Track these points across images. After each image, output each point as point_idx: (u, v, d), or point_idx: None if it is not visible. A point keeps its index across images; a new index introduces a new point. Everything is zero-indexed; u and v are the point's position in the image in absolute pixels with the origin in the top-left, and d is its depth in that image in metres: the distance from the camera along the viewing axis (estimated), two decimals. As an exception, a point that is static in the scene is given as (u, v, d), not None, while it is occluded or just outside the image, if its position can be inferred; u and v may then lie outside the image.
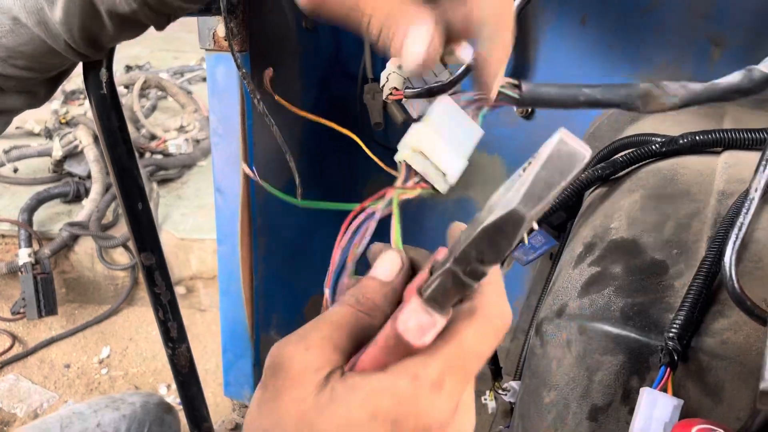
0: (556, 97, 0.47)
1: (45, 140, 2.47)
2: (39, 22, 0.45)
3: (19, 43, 0.46)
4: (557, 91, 0.47)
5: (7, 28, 0.45)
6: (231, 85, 0.80)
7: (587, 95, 0.48)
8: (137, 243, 0.71)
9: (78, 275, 2.13)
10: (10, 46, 0.46)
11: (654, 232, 0.61)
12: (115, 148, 0.65)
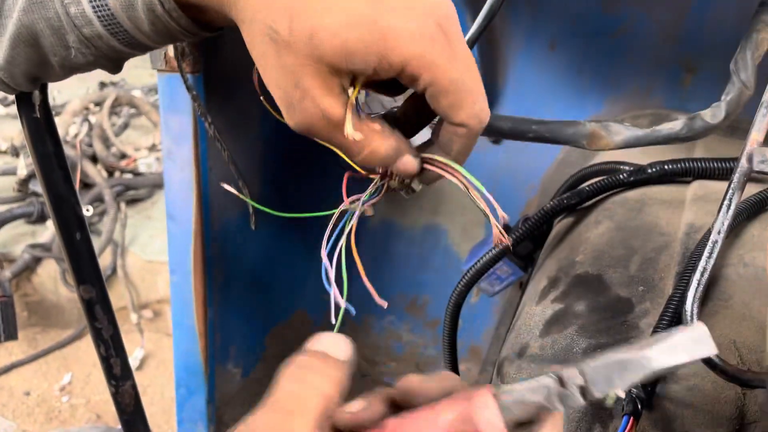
0: (508, 131, 0.48)
1: (10, 158, 2.41)
2: None
3: None
4: (510, 125, 0.48)
5: None
6: (184, 108, 0.76)
7: (536, 132, 0.49)
8: (76, 275, 0.66)
9: (40, 298, 2.06)
10: None
11: (620, 267, 0.58)
12: (50, 174, 0.61)
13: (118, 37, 0.41)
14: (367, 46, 0.35)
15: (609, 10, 0.81)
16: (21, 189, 2.19)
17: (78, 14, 0.40)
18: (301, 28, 0.35)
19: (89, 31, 0.41)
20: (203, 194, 0.81)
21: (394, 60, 0.36)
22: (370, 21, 0.35)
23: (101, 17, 0.40)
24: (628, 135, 0.56)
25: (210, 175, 0.82)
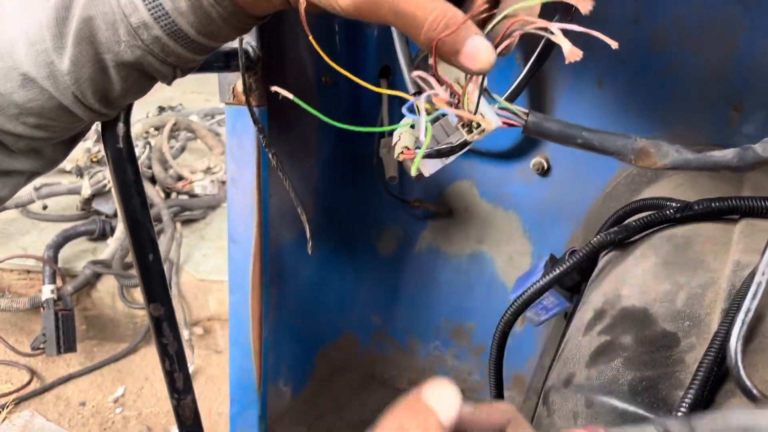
0: (556, 133, 0.48)
1: (75, 178, 2.53)
2: (48, 75, 0.46)
3: (29, 99, 0.46)
4: (559, 128, 0.48)
5: (18, 83, 0.46)
6: (248, 138, 0.81)
7: (585, 138, 0.49)
8: (147, 294, 0.71)
9: (98, 313, 2.15)
10: (20, 102, 0.47)
11: (666, 301, 0.59)
12: (129, 200, 0.66)
13: (160, 22, 0.43)
14: None
15: (656, 49, 0.83)
16: (84, 207, 2.30)
17: (126, 2, 0.43)
18: None
19: (136, 19, 0.43)
20: (263, 219, 0.86)
21: None
22: None
23: (145, 0, 0.43)
24: (676, 157, 0.56)
25: (270, 201, 0.87)
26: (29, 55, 0.45)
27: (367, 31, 0.97)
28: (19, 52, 0.45)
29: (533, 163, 0.97)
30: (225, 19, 0.44)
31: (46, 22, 0.44)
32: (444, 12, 0.36)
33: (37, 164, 0.54)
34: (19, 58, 0.45)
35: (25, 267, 2.10)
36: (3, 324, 2.13)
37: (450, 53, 0.36)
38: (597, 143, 0.47)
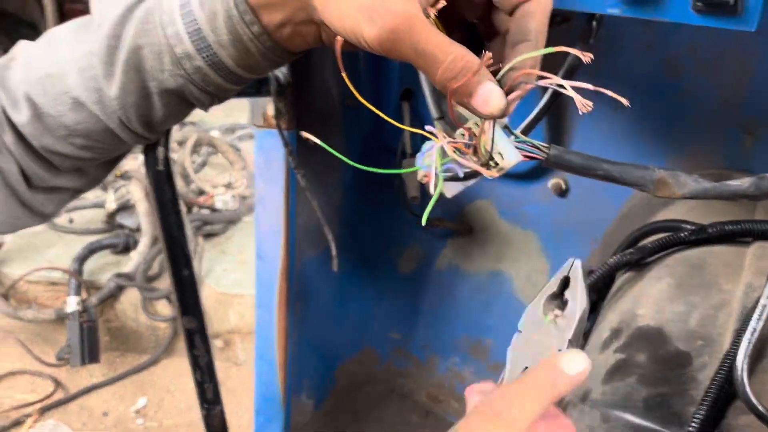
0: (578, 166, 0.50)
1: (100, 192, 2.59)
2: (97, 100, 0.49)
3: (77, 122, 0.50)
4: (580, 161, 0.50)
5: (68, 106, 0.49)
6: (277, 160, 0.85)
7: (606, 170, 0.51)
8: (181, 307, 0.75)
9: (121, 324, 2.19)
10: (69, 124, 0.50)
11: (680, 321, 0.62)
12: (167, 218, 0.70)
13: (202, 54, 0.46)
14: None
15: (671, 75, 0.86)
16: (108, 221, 2.36)
17: (173, 34, 0.46)
18: None
19: (180, 50, 0.46)
20: (290, 237, 0.89)
21: None
22: None
23: (190, 33, 0.46)
24: (695, 187, 0.57)
25: (297, 219, 0.90)
26: (80, 81, 0.49)
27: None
28: (70, 78, 0.49)
29: (551, 183, 0.99)
30: (263, 53, 0.47)
31: (97, 51, 0.48)
32: (461, 56, 0.38)
33: (81, 182, 0.58)
34: (70, 84, 0.49)
35: (51, 279, 2.16)
36: (29, 335, 2.18)
37: (463, 95, 0.39)
38: (617, 175, 0.49)
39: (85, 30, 0.50)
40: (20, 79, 0.51)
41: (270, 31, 0.45)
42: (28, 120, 0.50)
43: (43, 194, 0.56)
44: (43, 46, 0.51)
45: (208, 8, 0.45)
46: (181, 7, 0.45)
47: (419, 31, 0.38)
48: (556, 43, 0.77)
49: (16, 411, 1.96)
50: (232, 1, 0.44)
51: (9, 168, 0.53)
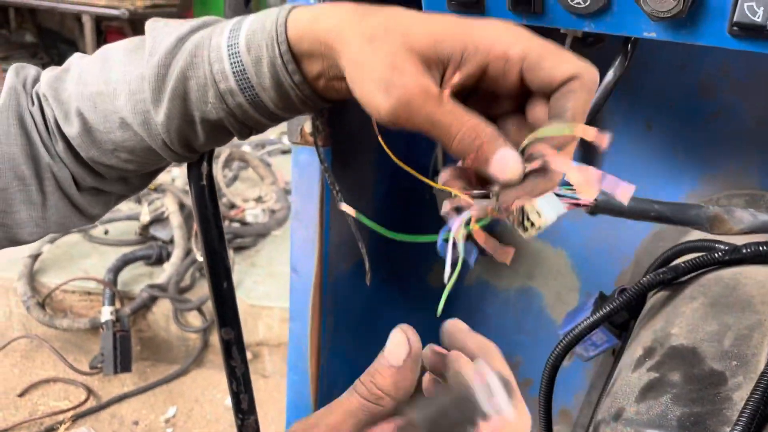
0: (628, 210, 0.50)
1: (134, 204, 2.65)
2: (143, 122, 0.52)
3: (124, 139, 0.53)
4: (631, 204, 0.50)
5: (116, 125, 0.53)
6: (313, 175, 0.87)
7: (658, 211, 0.51)
8: (219, 318, 0.77)
9: (153, 334, 2.24)
10: (116, 141, 0.54)
11: (714, 341, 0.62)
12: (208, 232, 0.72)
13: (245, 93, 0.49)
14: (454, 33, 0.40)
15: (705, 95, 0.86)
16: (142, 233, 2.41)
17: (219, 71, 0.48)
18: (395, 29, 0.41)
19: (224, 86, 0.49)
20: (324, 251, 0.91)
21: (480, 43, 0.40)
22: (455, 19, 0.42)
23: (235, 72, 0.48)
24: (752, 221, 0.57)
25: (330, 233, 0.92)
26: (129, 103, 0.52)
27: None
28: (120, 99, 0.52)
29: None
30: (302, 100, 0.49)
31: (148, 77, 0.51)
32: (475, 125, 0.39)
33: (124, 189, 0.62)
34: (120, 104, 0.52)
35: (86, 289, 2.21)
36: (63, 343, 2.23)
37: (480, 161, 0.40)
38: (670, 215, 0.49)
39: (137, 54, 0.52)
40: (73, 93, 0.53)
41: (309, 80, 0.47)
42: (77, 133, 0.54)
43: (90, 197, 0.59)
44: (98, 63, 0.54)
45: (254, 53, 0.47)
46: (229, 47, 0.48)
47: (433, 103, 0.39)
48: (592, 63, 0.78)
49: (50, 418, 2.01)
50: (277, 50, 0.46)
51: (62, 174, 0.56)
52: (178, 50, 0.50)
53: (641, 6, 0.52)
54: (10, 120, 0.53)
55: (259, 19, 0.48)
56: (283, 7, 0.48)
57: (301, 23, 0.46)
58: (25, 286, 2.15)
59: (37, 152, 0.55)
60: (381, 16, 0.42)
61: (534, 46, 0.39)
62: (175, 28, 0.51)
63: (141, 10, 4.05)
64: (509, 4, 0.58)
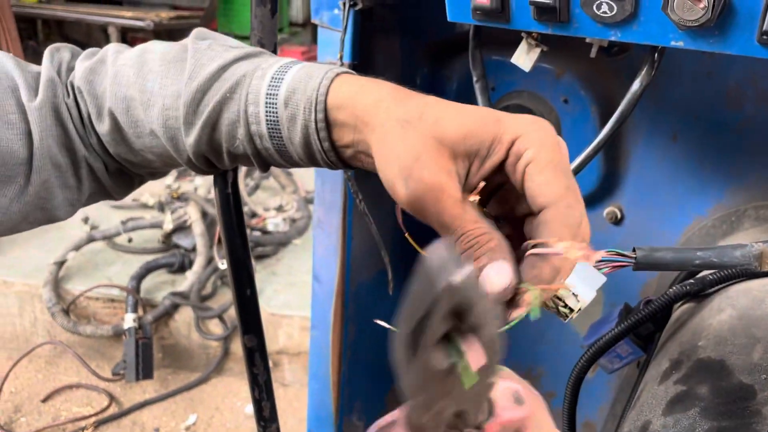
0: (671, 261, 0.48)
1: (157, 213, 2.68)
2: (171, 138, 0.53)
3: (151, 146, 0.55)
4: (672, 255, 0.48)
5: (146, 132, 0.54)
6: (336, 185, 0.88)
7: (701, 258, 0.49)
8: (243, 325, 0.77)
9: (175, 342, 2.25)
10: (144, 145, 0.55)
11: (742, 354, 0.61)
12: (233, 240, 0.73)
13: (273, 140, 0.50)
14: (483, 126, 0.42)
15: (731, 107, 0.85)
16: (165, 241, 2.43)
17: (253, 113, 0.49)
18: (429, 116, 0.42)
19: (255, 129, 0.50)
20: (346, 260, 0.92)
21: (505, 134, 0.41)
22: (487, 111, 0.43)
23: (269, 120, 0.49)
24: None
25: (352, 242, 0.93)
26: (161, 117, 0.53)
27: (447, 84, 1.03)
28: (153, 110, 0.53)
29: (606, 212, 0.99)
30: (326, 162, 0.50)
31: (184, 100, 0.52)
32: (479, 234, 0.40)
33: (148, 175, 0.64)
34: (152, 115, 0.53)
35: (109, 296, 2.24)
36: (86, 349, 2.26)
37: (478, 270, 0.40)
38: (716, 260, 0.48)
39: (175, 68, 0.53)
40: (107, 91, 0.55)
41: (336, 147, 0.48)
42: (107, 131, 0.55)
43: (116, 178, 0.61)
44: (135, 66, 0.54)
45: (290, 110, 0.48)
46: (267, 95, 0.49)
47: (443, 203, 0.40)
48: (617, 72, 0.78)
49: (72, 424, 2.03)
50: (314, 116, 0.47)
51: (96, 164, 0.58)
52: (217, 80, 0.51)
53: (668, 15, 0.51)
54: (48, 113, 0.55)
55: (302, 77, 0.48)
56: (329, 69, 0.48)
57: (342, 93, 0.47)
58: (50, 293, 2.18)
59: (73, 143, 0.57)
60: (417, 102, 0.43)
61: (543, 155, 0.40)
62: (218, 54, 0.52)
63: (166, 21, 4.12)
64: (534, 14, 0.58)
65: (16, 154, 0.53)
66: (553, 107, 0.96)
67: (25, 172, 0.54)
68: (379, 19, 0.88)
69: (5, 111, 0.53)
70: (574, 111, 0.94)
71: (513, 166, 0.42)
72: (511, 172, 0.42)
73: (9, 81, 0.54)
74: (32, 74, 0.57)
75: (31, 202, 0.55)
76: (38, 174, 0.54)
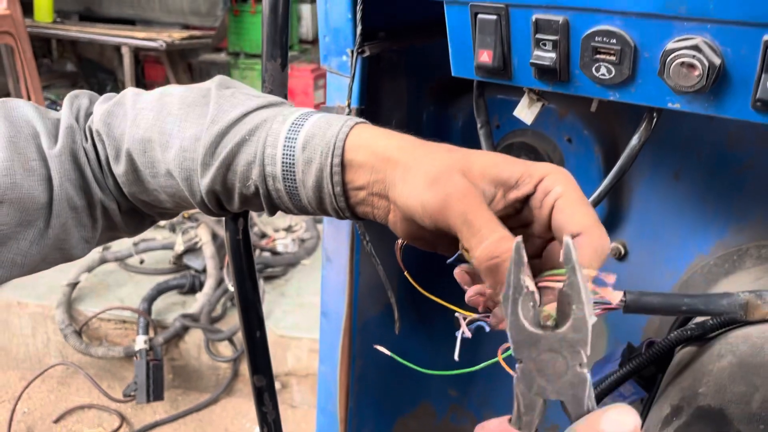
0: (658, 306, 0.50)
1: (168, 233, 2.72)
2: (186, 179, 0.55)
3: (166, 186, 0.57)
4: (660, 300, 0.50)
5: (161, 172, 0.56)
6: (344, 224, 0.89)
7: (688, 304, 0.51)
8: (252, 365, 0.79)
9: (185, 363, 2.27)
10: (159, 185, 0.58)
11: (741, 403, 0.62)
12: (243, 283, 0.75)
13: (286, 182, 0.52)
14: (513, 162, 0.45)
15: (734, 148, 0.87)
16: (176, 262, 2.46)
17: (270, 155, 0.52)
18: (457, 151, 0.46)
19: (270, 170, 0.52)
20: (354, 296, 0.93)
21: (535, 172, 0.45)
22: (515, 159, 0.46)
23: (284, 163, 0.51)
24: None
25: (359, 279, 0.94)
26: (177, 158, 0.55)
27: (453, 122, 1.05)
28: (170, 152, 0.55)
29: (611, 247, 1.00)
30: (333, 208, 0.52)
31: (204, 143, 0.54)
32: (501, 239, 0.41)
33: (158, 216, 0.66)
34: (169, 157, 0.56)
35: (121, 317, 2.26)
36: (98, 370, 2.28)
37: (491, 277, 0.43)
38: (702, 306, 0.50)
39: (194, 111, 0.55)
40: (125, 134, 0.57)
41: (348, 189, 0.50)
42: (123, 172, 0.58)
43: (129, 218, 0.64)
44: (154, 110, 0.57)
45: (307, 154, 0.50)
46: (287, 138, 0.51)
47: (471, 202, 0.42)
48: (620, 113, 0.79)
49: (84, 444, 2.05)
50: (330, 159, 0.49)
51: (111, 206, 0.61)
52: (238, 124, 0.53)
53: (665, 80, 0.53)
54: (66, 159, 0.57)
55: (322, 125, 0.51)
56: (349, 119, 0.51)
57: (361, 138, 0.49)
58: (63, 314, 2.21)
59: (90, 186, 0.59)
60: (441, 145, 0.47)
61: (571, 192, 0.44)
62: (241, 101, 0.54)
63: (178, 42, 4.17)
64: (535, 73, 0.60)
65: (36, 199, 0.55)
66: (557, 146, 0.98)
67: (44, 216, 0.56)
68: (386, 62, 0.90)
69: (27, 158, 0.55)
70: (578, 150, 0.96)
71: (540, 201, 0.44)
72: (536, 206, 0.45)
73: (30, 128, 0.57)
74: (52, 121, 0.59)
75: (50, 244, 0.57)
76: (57, 218, 0.56)
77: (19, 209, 0.54)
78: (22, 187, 0.54)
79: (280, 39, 0.71)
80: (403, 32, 0.87)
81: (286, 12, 0.72)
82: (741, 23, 0.49)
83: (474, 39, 0.61)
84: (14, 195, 0.53)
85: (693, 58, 0.50)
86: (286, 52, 0.72)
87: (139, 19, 4.68)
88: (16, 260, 0.55)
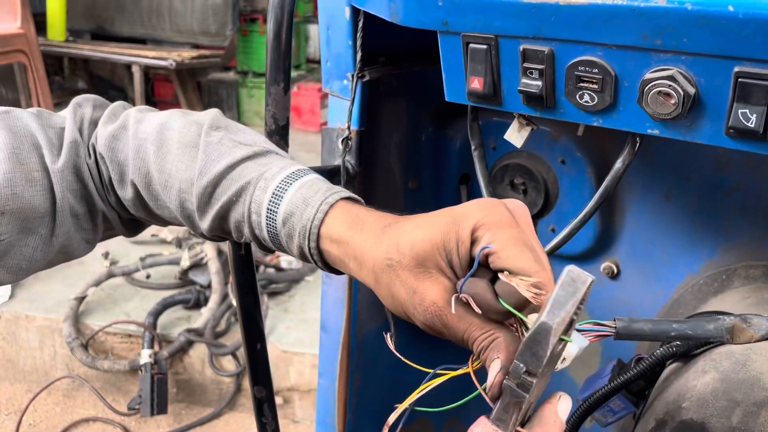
0: (648, 332, 0.53)
1: (175, 248, 2.75)
2: (187, 217, 0.60)
3: (171, 218, 0.62)
4: (650, 327, 0.53)
5: (164, 205, 0.61)
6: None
7: (677, 330, 0.54)
8: (252, 377, 0.82)
9: (189, 377, 2.30)
10: (163, 215, 0.62)
11: (723, 417, 0.64)
12: (245, 297, 0.78)
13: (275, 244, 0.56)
14: (446, 233, 0.48)
15: (722, 171, 0.90)
16: (182, 277, 2.49)
17: (256, 222, 0.56)
18: (404, 244, 0.49)
19: (258, 233, 0.56)
20: (352, 312, 0.96)
21: (464, 234, 0.48)
22: (445, 217, 0.49)
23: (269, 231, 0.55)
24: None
25: (359, 294, 0.97)
26: (177, 199, 0.60)
27: (450, 143, 1.08)
28: (170, 193, 0.60)
29: (603, 267, 1.03)
30: (317, 263, 0.56)
31: (196, 193, 0.58)
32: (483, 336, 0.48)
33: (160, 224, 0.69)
34: (170, 197, 0.60)
35: (127, 331, 2.29)
36: (103, 383, 2.31)
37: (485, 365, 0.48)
38: (691, 332, 0.52)
39: (189, 154, 0.59)
40: (129, 162, 0.60)
41: (327, 260, 0.54)
42: (130, 198, 0.61)
43: (129, 224, 0.68)
44: (155, 143, 0.60)
45: (287, 230, 0.54)
46: (268, 211, 0.55)
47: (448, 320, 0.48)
48: (612, 135, 0.82)
49: (88, 457, 2.07)
50: (307, 242, 0.53)
51: (112, 216, 0.65)
52: (225, 178, 0.57)
53: (643, 107, 0.56)
54: (69, 173, 0.60)
55: (298, 203, 0.54)
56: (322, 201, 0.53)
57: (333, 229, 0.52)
58: (70, 328, 2.24)
59: (92, 197, 0.62)
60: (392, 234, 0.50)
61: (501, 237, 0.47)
62: (227, 151, 0.57)
63: (187, 61, 4.25)
64: (524, 99, 0.63)
65: (37, 209, 0.58)
66: (551, 167, 1.01)
67: (48, 224, 0.59)
68: (386, 86, 0.93)
69: (29, 168, 0.58)
70: (571, 171, 0.99)
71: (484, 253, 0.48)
72: (481, 258, 0.48)
73: (32, 139, 0.59)
74: (54, 130, 0.61)
75: (55, 251, 0.61)
76: (61, 227, 0.60)
77: (20, 218, 0.56)
78: (23, 198, 0.56)
79: (283, 64, 0.75)
80: (403, 58, 0.90)
81: (289, 38, 0.76)
82: (713, 56, 0.52)
83: (466, 67, 0.65)
84: (15, 205, 0.56)
85: (669, 87, 0.54)
86: (288, 77, 0.76)
87: (149, 38, 4.77)
88: (21, 266, 0.58)
